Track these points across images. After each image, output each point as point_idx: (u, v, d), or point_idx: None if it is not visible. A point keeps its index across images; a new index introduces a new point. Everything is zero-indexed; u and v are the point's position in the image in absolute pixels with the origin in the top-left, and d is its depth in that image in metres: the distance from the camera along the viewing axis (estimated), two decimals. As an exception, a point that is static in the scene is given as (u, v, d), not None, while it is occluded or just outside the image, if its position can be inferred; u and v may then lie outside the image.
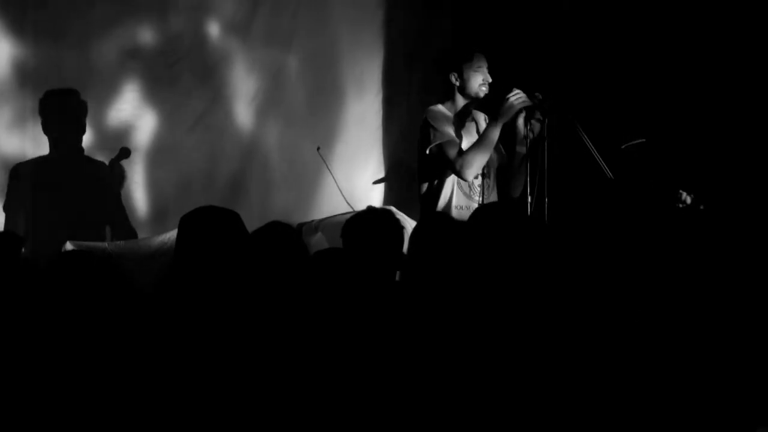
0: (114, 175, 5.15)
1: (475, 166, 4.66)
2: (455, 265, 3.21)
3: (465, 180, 4.69)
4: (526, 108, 4.60)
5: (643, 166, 5.14)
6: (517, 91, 4.62)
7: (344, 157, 5.91)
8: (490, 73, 4.76)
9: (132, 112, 5.47)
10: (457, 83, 4.75)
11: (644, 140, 4.81)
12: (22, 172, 5.01)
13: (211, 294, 3.08)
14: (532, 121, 4.63)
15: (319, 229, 4.70)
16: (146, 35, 5.50)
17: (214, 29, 5.67)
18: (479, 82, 4.72)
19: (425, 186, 4.77)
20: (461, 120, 4.79)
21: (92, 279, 2.98)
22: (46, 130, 5.01)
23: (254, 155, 5.76)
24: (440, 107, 4.78)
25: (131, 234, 5.19)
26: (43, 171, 4.96)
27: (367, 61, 6.06)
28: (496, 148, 4.79)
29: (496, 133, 4.64)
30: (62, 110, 5.02)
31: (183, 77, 5.58)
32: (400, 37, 6.12)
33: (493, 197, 4.80)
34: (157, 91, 5.52)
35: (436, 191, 4.74)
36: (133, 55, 5.46)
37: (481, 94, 4.73)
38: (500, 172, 4.86)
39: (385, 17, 6.09)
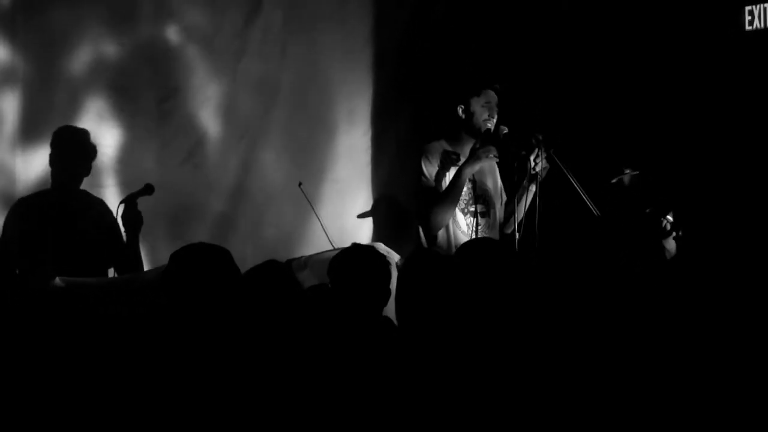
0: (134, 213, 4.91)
1: (440, 219, 4.66)
2: (441, 300, 3.23)
3: (431, 233, 4.69)
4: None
5: (629, 198, 5.15)
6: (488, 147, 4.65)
7: (333, 194, 5.91)
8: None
9: (120, 147, 5.45)
10: (463, 116, 4.76)
11: (637, 172, 4.80)
12: (23, 205, 4.87)
13: (201, 331, 3.07)
14: (537, 160, 4.64)
15: (308, 265, 4.69)
16: (136, 70, 5.49)
17: (203, 66, 5.67)
18: (484, 117, 4.72)
19: (422, 229, 4.77)
20: (458, 157, 4.79)
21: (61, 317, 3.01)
22: (53, 162, 4.84)
23: (243, 192, 5.74)
24: (438, 144, 4.79)
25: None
26: (43, 205, 4.82)
27: (357, 97, 6.08)
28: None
29: (461, 184, 4.65)
30: (75, 147, 4.88)
31: (173, 113, 5.58)
32: (390, 74, 6.15)
33: (493, 235, 4.80)
34: (146, 127, 5.50)
35: (434, 234, 4.73)
36: (123, 92, 5.44)
37: (483, 129, 4.73)
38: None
39: (374, 54, 6.11)
